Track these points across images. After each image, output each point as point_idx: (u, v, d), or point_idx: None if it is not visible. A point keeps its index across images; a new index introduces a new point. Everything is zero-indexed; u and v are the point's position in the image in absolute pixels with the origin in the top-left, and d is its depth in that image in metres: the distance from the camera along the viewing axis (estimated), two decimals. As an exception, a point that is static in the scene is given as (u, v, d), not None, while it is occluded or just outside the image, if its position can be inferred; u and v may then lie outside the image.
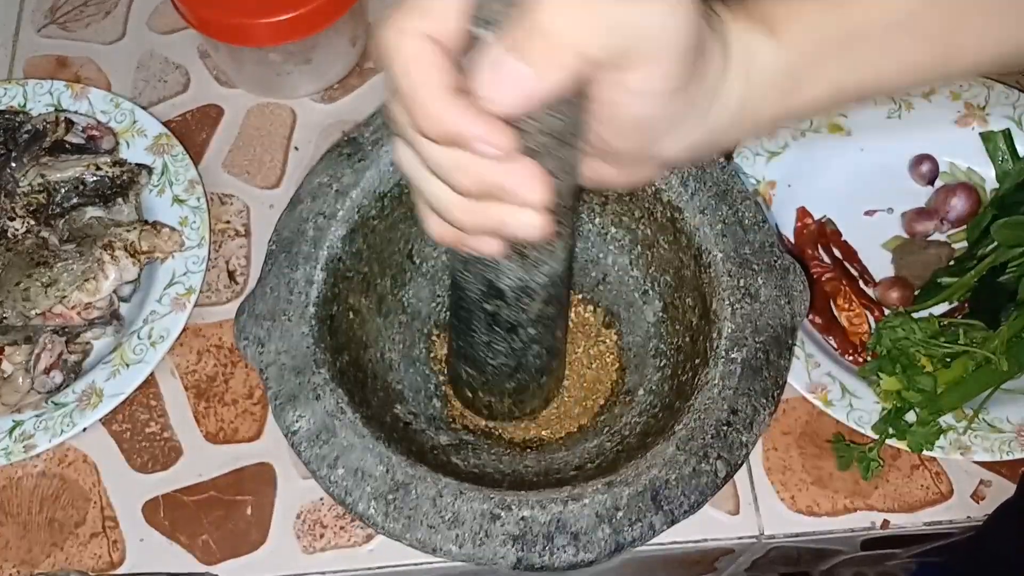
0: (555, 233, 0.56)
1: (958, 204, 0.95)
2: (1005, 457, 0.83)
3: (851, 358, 0.90)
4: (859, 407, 0.85)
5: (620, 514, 0.63)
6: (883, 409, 0.84)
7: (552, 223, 0.49)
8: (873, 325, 0.92)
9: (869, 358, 0.89)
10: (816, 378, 0.85)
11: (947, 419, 0.84)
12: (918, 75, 0.52)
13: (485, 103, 0.42)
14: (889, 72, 0.51)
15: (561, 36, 0.41)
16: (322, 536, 0.84)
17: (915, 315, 0.88)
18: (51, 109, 1.01)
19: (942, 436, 0.83)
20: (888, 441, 0.83)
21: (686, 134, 0.49)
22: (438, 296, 0.87)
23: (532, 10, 0.41)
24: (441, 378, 0.85)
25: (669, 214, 0.77)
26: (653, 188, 0.78)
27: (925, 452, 0.83)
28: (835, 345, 0.91)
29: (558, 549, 0.62)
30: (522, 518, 0.63)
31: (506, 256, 0.57)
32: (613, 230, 0.85)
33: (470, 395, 0.81)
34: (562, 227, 0.57)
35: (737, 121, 0.50)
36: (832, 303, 0.93)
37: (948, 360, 0.85)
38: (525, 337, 0.68)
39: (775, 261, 0.73)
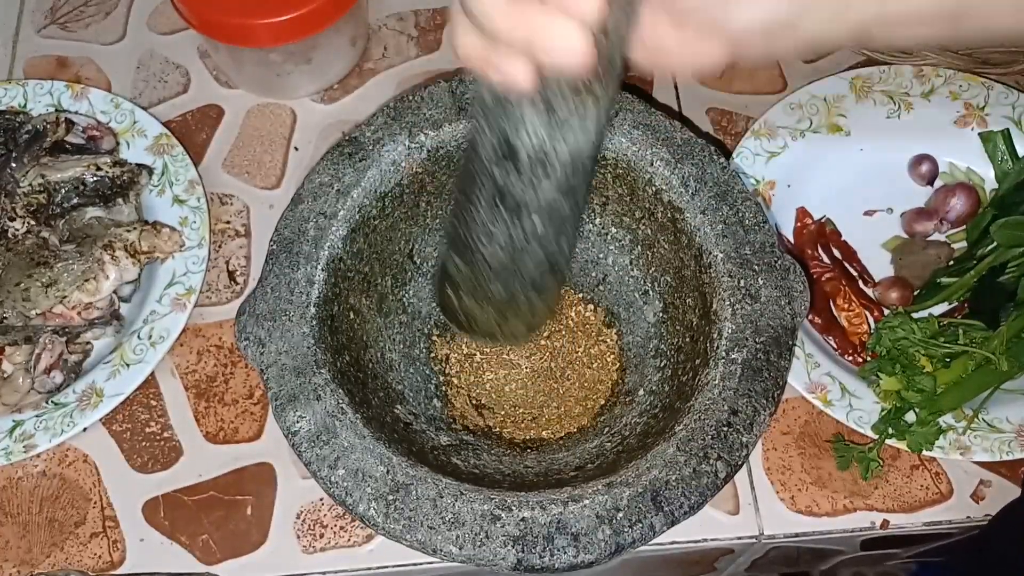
0: (590, 88, 0.52)
1: (957, 204, 0.95)
2: (1005, 457, 0.83)
3: (851, 358, 0.90)
4: (859, 407, 0.85)
5: (620, 515, 0.63)
6: (883, 409, 0.84)
7: (593, 55, 0.45)
8: (873, 325, 0.92)
9: (869, 358, 0.89)
10: (816, 378, 0.86)
11: (947, 419, 0.84)
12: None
13: None
14: None
15: None
16: (322, 536, 0.84)
17: (915, 315, 0.88)
18: (51, 109, 1.01)
19: (942, 436, 0.83)
20: (888, 441, 0.83)
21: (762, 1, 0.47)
22: (438, 296, 0.87)
23: None
24: (441, 378, 0.85)
25: (670, 214, 0.78)
26: (654, 188, 0.78)
27: (925, 452, 0.83)
28: (835, 345, 0.91)
29: (558, 550, 0.62)
30: (522, 519, 0.63)
31: (532, 99, 0.53)
32: (614, 230, 0.85)
33: (453, 297, 0.75)
34: (600, 87, 0.53)
35: (821, 2, 0.47)
36: (832, 303, 0.93)
37: (948, 360, 0.85)
38: (528, 226, 0.64)
39: (775, 261, 0.73)
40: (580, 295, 0.88)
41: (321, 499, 0.86)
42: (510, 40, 0.45)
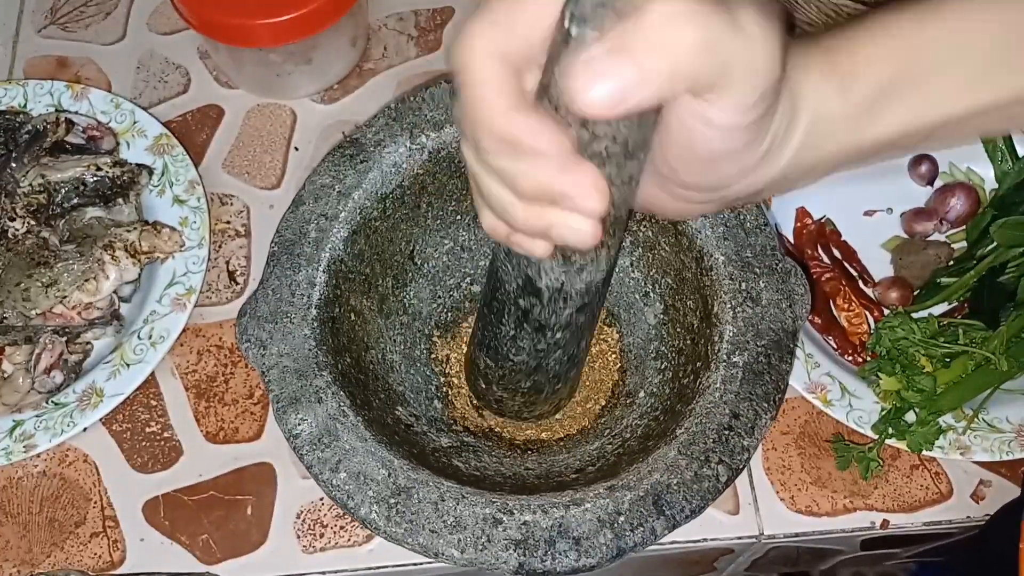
0: (602, 243, 0.56)
1: (957, 204, 0.95)
2: (1005, 457, 0.83)
3: (851, 358, 0.90)
4: (859, 407, 0.85)
5: (622, 519, 0.63)
6: (882, 409, 0.85)
7: (602, 233, 0.49)
8: (872, 325, 0.92)
9: (868, 358, 0.89)
10: (816, 378, 0.86)
11: (947, 419, 0.84)
12: (987, 117, 0.51)
13: (575, 101, 0.41)
14: (956, 113, 0.50)
15: (664, 44, 0.40)
16: (322, 536, 0.85)
17: (914, 315, 0.88)
18: (51, 109, 1.01)
19: (942, 436, 0.83)
20: (888, 441, 0.83)
21: (753, 178, 0.49)
22: (439, 297, 0.87)
23: (640, 11, 0.40)
24: (442, 379, 0.85)
25: (670, 216, 0.78)
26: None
27: (925, 452, 0.83)
28: (835, 345, 0.91)
29: (560, 554, 0.62)
30: (524, 523, 0.63)
31: (551, 256, 0.57)
32: (614, 232, 0.85)
33: (484, 386, 0.80)
34: (610, 238, 0.57)
35: (800, 165, 0.50)
36: (832, 303, 0.93)
37: (947, 360, 0.85)
38: (551, 340, 0.68)
39: (776, 264, 0.73)
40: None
41: (321, 499, 0.86)
42: (528, 230, 0.50)
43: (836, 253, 0.95)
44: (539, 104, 0.46)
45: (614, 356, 0.86)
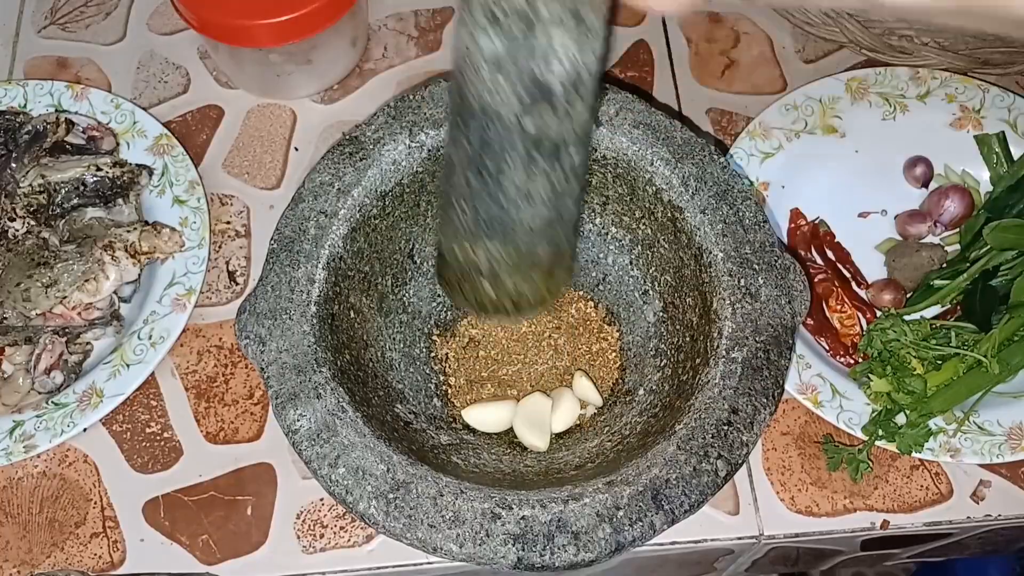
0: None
1: (951, 207, 0.95)
2: (995, 460, 0.83)
3: (842, 360, 0.90)
4: (849, 408, 0.85)
5: (621, 513, 0.63)
6: (873, 411, 0.85)
7: None
8: (865, 327, 0.92)
9: (860, 360, 0.89)
10: (807, 379, 0.86)
11: (937, 421, 0.84)
12: None
13: None
14: None
15: None
16: (322, 536, 0.85)
17: (907, 317, 0.88)
18: (51, 110, 1.01)
19: (932, 438, 0.83)
20: (877, 443, 0.83)
21: None
22: (438, 296, 0.87)
23: None
24: (441, 378, 0.85)
25: (670, 214, 0.78)
26: (654, 188, 0.78)
27: (914, 454, 0.83)
28: (826, 346, 0.91)
29: (558, 548, 0.62)
30: (522, 517, 0.63)
31: (561, 17, 0.51)
32: (614, 230, 0.86)
33: (491, 288, 0.70)
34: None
35: None
36: (824, 304, 0.93)
37: (939, 363, 0.85)
38: (568, 163, 0.60)
39: (775, 260, 0.73)
40: (580, 292, 0.88)
41: (321, 499, 0.86)
42: None
43: (830, 254, 0.95)
44: None
45: (614, 354, 0.86)
